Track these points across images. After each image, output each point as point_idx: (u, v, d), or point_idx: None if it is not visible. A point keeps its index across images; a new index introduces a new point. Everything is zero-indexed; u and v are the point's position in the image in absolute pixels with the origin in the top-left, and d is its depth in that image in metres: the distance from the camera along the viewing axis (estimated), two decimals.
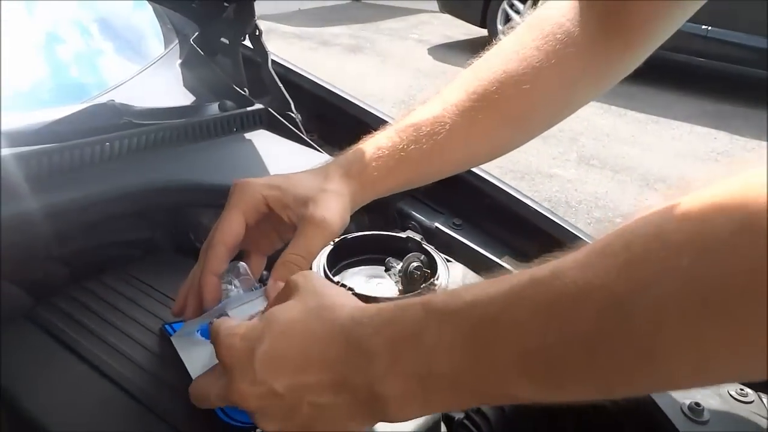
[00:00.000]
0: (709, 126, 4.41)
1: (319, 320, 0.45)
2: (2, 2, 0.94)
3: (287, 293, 0.50)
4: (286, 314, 0.47)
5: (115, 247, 0.82)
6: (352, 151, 0.66)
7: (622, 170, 3.72)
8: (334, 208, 0.61)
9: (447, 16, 6.27)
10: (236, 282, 0.63)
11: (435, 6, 6.39)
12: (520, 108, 0.66)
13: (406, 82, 5.05)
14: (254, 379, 0.45)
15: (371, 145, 0.66)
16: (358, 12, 7.14)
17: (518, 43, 0.66)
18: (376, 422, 0.46)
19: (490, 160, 0.71)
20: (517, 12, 5.73)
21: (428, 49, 6.01)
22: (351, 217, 0.68)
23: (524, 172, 3.55)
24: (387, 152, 0.65)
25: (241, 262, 0.65)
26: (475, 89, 0.65)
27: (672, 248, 0.32)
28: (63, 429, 0.56)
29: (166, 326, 0.66)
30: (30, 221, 0.69)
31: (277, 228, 0.65)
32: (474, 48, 0.68)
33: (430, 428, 0.60)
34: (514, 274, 0.40)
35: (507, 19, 5.70)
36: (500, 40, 0.68)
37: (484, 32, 5.86)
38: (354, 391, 0.43)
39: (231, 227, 0.61)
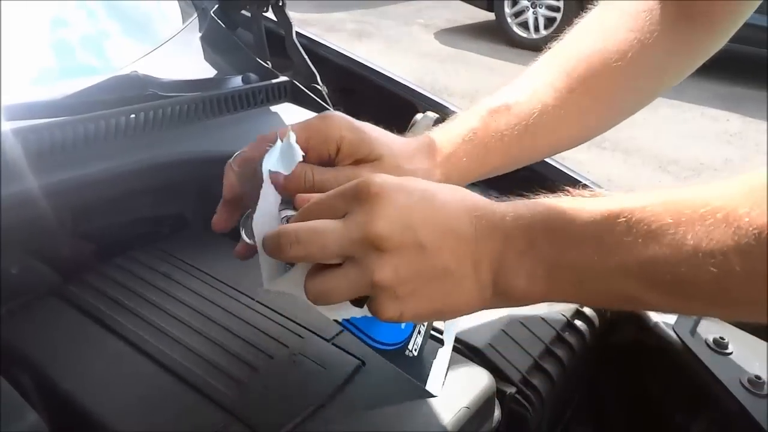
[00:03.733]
0: (721, 108, 4.36)
1: (461, 195, 0.47)
2: None
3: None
4: (425, 183, 0.47)
5: (144, 223, 0.79)
6: (444, 131, 0.62)
7: (634, 152, 3.68)
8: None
9: (453, 0, 6.21)
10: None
11: None
12: (611, 87, 0.64)
13: (412, 67, 5.00)
14: (406, 224, 0.43)
15: (464, 126, 0.62)
16: None
17: (606, 22, 0.65)
18: (502, 303, 0.47)
19: (578, 144, 0.68)
20: None
21: (434, 34, 5.95)
22: None
23: None
24: (479, 134, 0.61)
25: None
26: (565, 69, 0.63)
27: None
28: (102, 408, 0.54)
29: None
30: (53, 195, 0.66)
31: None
32: (481, 32, 0.66)
33: (484, 403, 0.58)
34: (651, 192, 0.42)
35: (515, 2, 5.63)
36: (583, 17, 0.67)
37: (490, 16, 5.79)
38: (490, 267, 0.45)
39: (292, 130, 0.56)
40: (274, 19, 1.02)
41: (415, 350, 0.55)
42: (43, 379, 0.57)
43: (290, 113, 0.93)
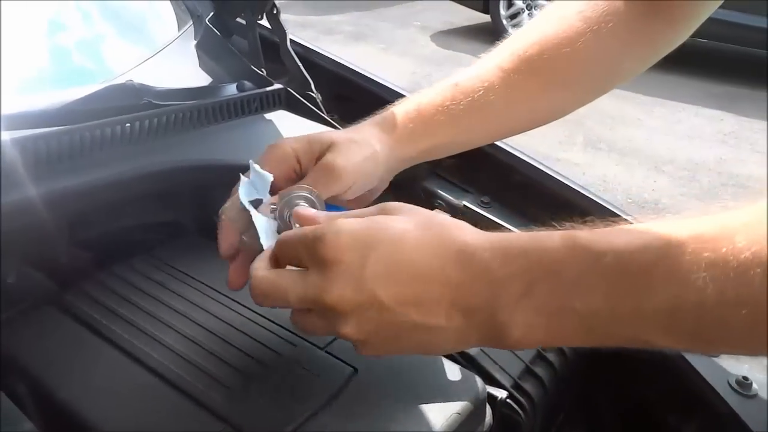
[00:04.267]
0: (715, 108, 4.37)
1: (437, 237, 0.43)
2: None
3: (383, 210, 0.47)
4: (400, 224, 0.44)
5: (139, 231, 0.80)
6: (389, 110, 0.64)
7: (629, 153, 3.70)
8: (353, 157, 0.58)
9: (449, 3, 6.21)
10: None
11: None
12: (560, 73, 0.65)
13: (409, 69, 5.01)
14: (360, 286, 0.41)
15: (411, 102, 0.64)
16: (359, 0, 7.08)
17: (561, 9, 0.65)
18: (489, 346, 0.45)
19: (530, 128, 0.70)
20: None
21: (431, 36, 5.95)
22: (376, 198, 0.65)
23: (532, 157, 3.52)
24: (426, 109, 0.63)
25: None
26: (516, 51, 0.64)
27: None
28: (98, 417, 0.54)
29: None
30: (50, 205, 0.67)
31: None
32: (477, 34, 0.68)
33: (475, 408, 0.58)
34: (665, 223, 0.39)
35: (510, 4, 5.64)
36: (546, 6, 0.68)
37: (486, 18, 5.80)
38: (473, 315, 0.41)
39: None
40: (269, 26, 1.03)
41: None
42: (38, 388, 0.57)
43: (285, 121, 0.94)
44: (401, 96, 1.00)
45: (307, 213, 0.49)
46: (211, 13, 1.04)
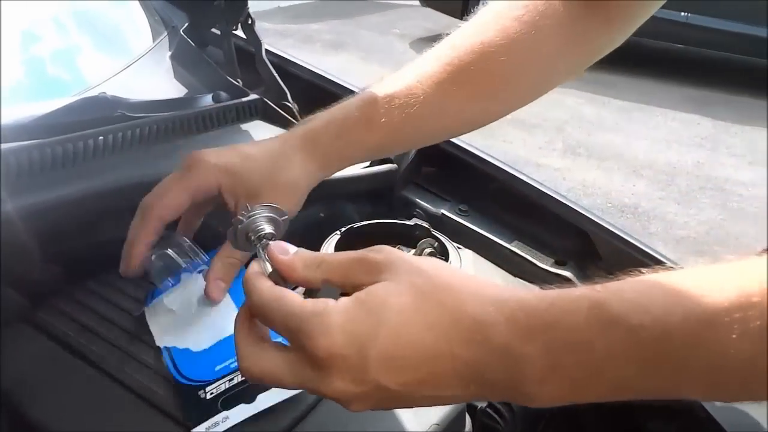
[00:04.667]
0: (692, 112, 4.43)
1: (441, 308, 0.38)
2: None
3: (368, 270, 0.41)
4: (396, 300, 0.39)
5: (114, 246, 0.79)
6: (319, 123, 0.62)
7: (608, 158, 3.73)
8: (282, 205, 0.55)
9: (428, 10, 6.24)
10: (172, 251, 0.63)
11: (416, 1, 6.36)
12: (496, 81, 0.64)
13: None
14: (362, 378, 0.38)
15: (343, 112, 0.63)
16: (338, 8, 7.08)
17: (496, 14, 0.63)
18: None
19: (467, 132, 0.69)
20: None
21: (410, 43, 5.98)
22: (354, 207, 0.65)
23: (512, 163, 3.52)
24: (357, 124, 0.62)
25: (179, 234, 0.65)
26: (451, 60, 0.62)
27: None
28: None
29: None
30: (22, 220, 0.66)
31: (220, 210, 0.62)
32: None
33: (455, 418, 0.58)
34: (702, 275, 0.35)
35: None
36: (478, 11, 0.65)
37: None
38: (493, 387, 0.38)
39: (173, 203, 0.59)
40: (244, 36, 1.03)
41: (211, 394, 0.55)
42: (10, 406, 0.56)
43: (261, 131, 0.93)
44: None
45: (283, 262, 0.44)
46: (186, 24, 1.04)
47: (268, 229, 0.49)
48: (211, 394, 0.55)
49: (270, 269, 0.44)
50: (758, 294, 0.32)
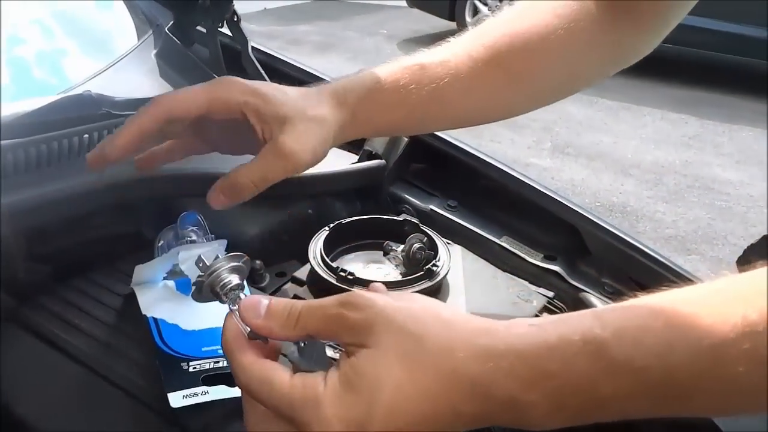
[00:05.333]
0: (680, 111, 4.46)
1: (437, 374, 0.37)
2: None
3: (350, 331, 0.39)
4: (387, 374, 0.37)
5: (101, 243, 0.78)
6: (351, 79, 0.61)
7: (596, 157, 3.74)
8: (309, 140, 0.55)
9: (415, 11, 6.26)
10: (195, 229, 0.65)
11: (403, 2, 6.37)
12: (525, 68, 0.64)
13: None
14: None
15: (372, 76, 0.61)
16: (325, 10, 7.09)
17: (533, 5, 0.64)
18: None
19: (489, 121, 0.69)
20: (485, 4, 5.73)
21: (397, 44, 5.99)
22: (342, 203, 0.64)
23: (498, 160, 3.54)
24: (387, 87, 0.60)
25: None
26: (485, 41, 0.63)
27: None
28: None
29: None
30: (6, 218, 0.65)
31: (243, 136, 0.57)
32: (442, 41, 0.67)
33: None
34: (710, 306, 0.35)
35: (475, 11, 5.69)
36: None
37: (452, 25, 5.85)
38: (496, 422, 0.38)
39: (187, 99, 0.54)
40: (230, 34, 1.02)
41: (194, 369, 0.55)
42: None
43: None
44: None
45: (259, 326, 0.41)
46: (171, 22, 1.03)
47: (234, 280, 0.45)
48: (194, 368, 0.55)
49: (248, 329, 0.42)
50: (761, 323, 0.32)
